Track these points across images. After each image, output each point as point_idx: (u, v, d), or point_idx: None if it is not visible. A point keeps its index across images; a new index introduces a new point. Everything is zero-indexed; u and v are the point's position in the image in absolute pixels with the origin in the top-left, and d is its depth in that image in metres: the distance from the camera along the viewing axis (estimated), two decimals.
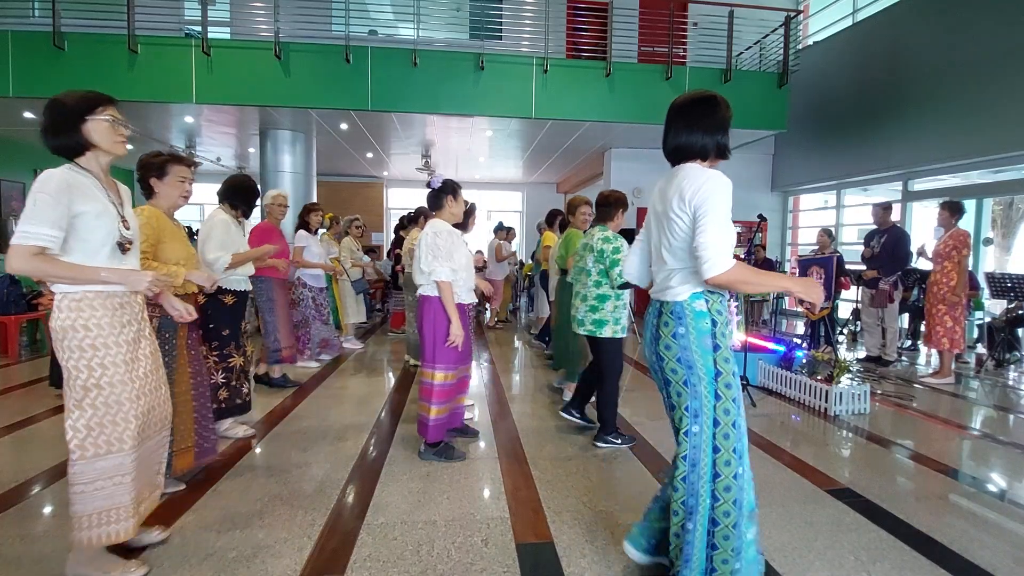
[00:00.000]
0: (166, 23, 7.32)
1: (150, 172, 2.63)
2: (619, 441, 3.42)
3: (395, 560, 2.13)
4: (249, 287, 3.56)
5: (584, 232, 4.00)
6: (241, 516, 2.46)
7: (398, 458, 3.17)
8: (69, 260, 1.82)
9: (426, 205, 3.33)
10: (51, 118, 1.87)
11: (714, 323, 1.75)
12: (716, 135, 1.78)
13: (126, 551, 2.09)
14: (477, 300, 3.72)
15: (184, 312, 2.27)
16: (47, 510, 2.54)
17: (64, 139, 1.87)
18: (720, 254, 1.61)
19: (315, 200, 9.08)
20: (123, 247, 1.95)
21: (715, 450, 1.73)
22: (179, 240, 2.67)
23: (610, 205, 3.52)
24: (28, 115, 7.76)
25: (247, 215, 3.63)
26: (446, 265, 3.01)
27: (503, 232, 8.71)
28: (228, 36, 7.89)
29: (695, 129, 1.78)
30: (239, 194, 3.53)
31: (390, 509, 2.55)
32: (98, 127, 1.90)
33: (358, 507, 2.57)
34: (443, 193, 3.17)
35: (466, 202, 3.92)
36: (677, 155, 1.84)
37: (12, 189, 9.52)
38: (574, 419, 3.72)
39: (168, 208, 2.69)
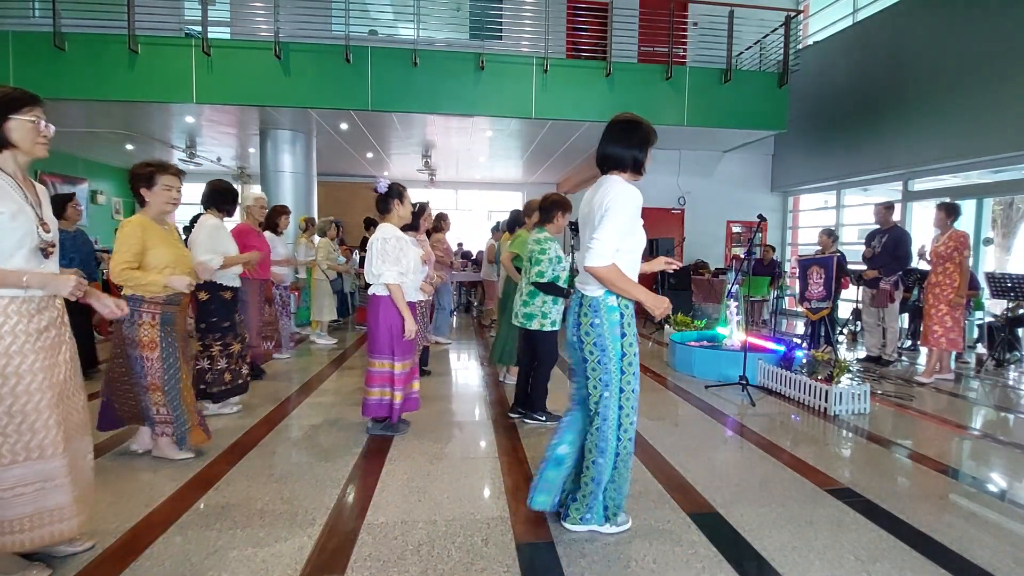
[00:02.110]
0: (166, 23, 7.32)
1: (139, 182, 2.79)
2: (543, 418, 3.80)
3: (395, 560, 2.13)
4: (239, 283, 4.01)
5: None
6: (242, 515, 2.46)
7: (398, 457, 3.18)
8: None
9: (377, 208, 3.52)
10: None
11: (622, 315, 2.20)
12: (634, 150, 2.20)
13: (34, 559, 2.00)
14: (428, 298, 3.96)
15: (114, 308, 2.14)
16: None
17: None
18: (603, 250, 2.06)
19: (315, 201, 9.11)
20: (45, 251, 1.89)
21: (620, 408, 2.26)
22: (168, 244, 2.84)
23: (548, 208, 3.71)
24: None
25: (231, 214, 4.02)
26: (394, 269, 3.24)
27: (500, 233, 8.70)
28: (228, 36, 7.90)
29: (618, 144, 2.20)
30: (224, 197, 3.88)
31: (390, 509, 2.55)
32: (21, 127, 1.82)
33: (358, 507, 2.57)
34: (390, 197, 3.35)
35: (416, 203, 4.14)
36: (603, 163, 2.25)
37: None
38: (518, 417, 3.89)
39: (157, 215, 2.85)
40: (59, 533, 1.90)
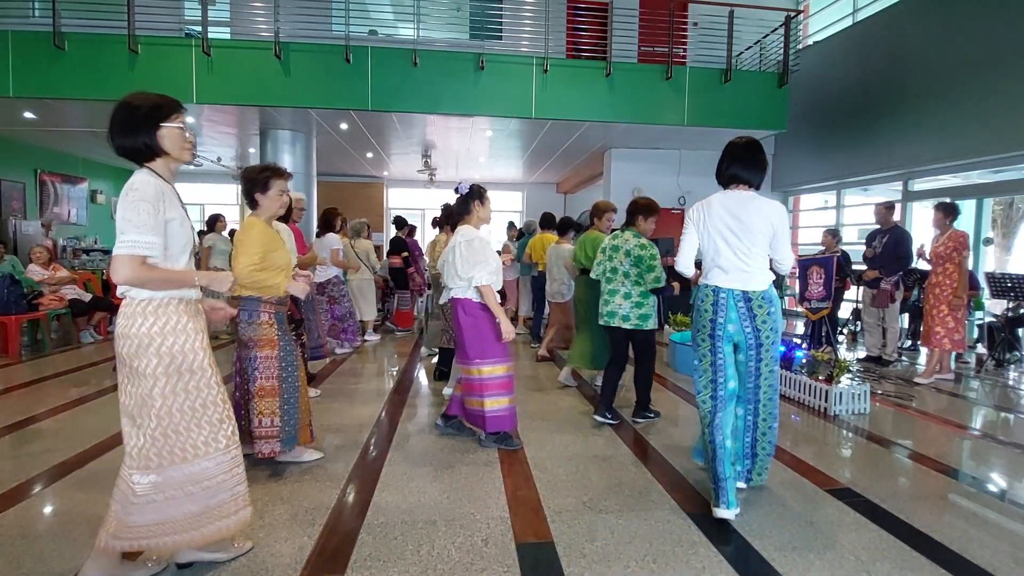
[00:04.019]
0: (166, 23, 7.32)
1: (255, 187, 2.85)
2: (652, 415, 3.91)
3: (395, 560, 2.13)
4: None
5: (610, 235, 4.16)
6: None
7: (398, 458, 3.18)
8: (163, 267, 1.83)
9: (453, 208, 3.47)
10: (125, 120, 1.82)
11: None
12: (764, 171, 2.62)
13: None
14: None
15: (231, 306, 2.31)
16: (48, 509, 2.54)
17: (135, 142, 1.82)
18: (792, 261, 2.59)
19: (315, 201, 9.10)
20: (195, 252, 2.01)
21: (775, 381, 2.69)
22: (283, 247, 2.93)
23: (638, 212, 3.87)
24: (28, 115, 7.76)
25: (286, 220, 4.18)
26: (484, 270, 3.18)
27: (514, 231, 8.73)
28: (228, 36, 7.90)
29: (755, 167, 2.59)
30: (287, 206, 4.02)
31: (390, 509, 2.55)
32: (171, 134, 1.86)
33: (358, 507, 2.57)
34: (470, 198, 3.32)
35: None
36: (733, 181, 2.61)
37: (13, 189, 9.50)
38: (608, 421, 3.85)
39: (269, 218, 2.95)
40: (225, 529, 1.95)
